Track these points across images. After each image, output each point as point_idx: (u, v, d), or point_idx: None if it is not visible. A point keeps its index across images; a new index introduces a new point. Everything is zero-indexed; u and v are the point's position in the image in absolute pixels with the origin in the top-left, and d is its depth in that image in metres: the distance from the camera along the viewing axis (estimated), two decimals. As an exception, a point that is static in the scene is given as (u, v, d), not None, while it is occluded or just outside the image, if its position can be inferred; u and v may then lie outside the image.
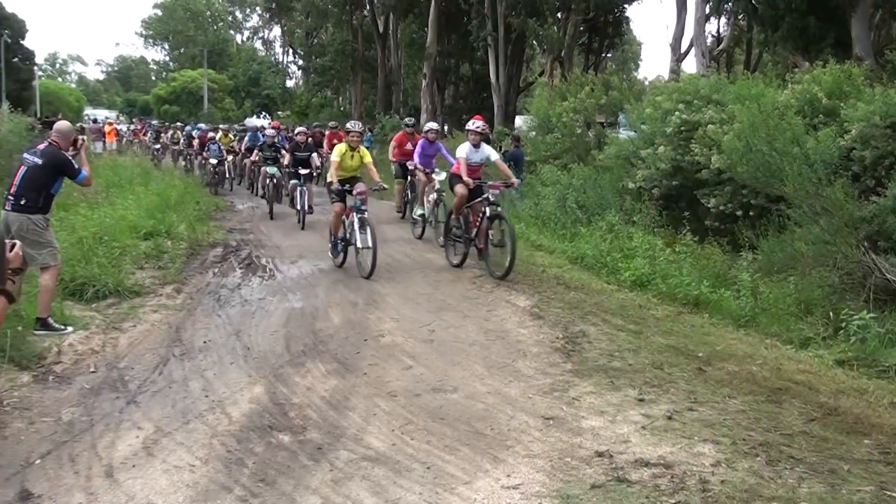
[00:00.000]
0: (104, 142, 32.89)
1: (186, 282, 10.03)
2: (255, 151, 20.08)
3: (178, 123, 37.73)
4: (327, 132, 23.04)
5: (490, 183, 10.97)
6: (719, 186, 11.39)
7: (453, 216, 11.29)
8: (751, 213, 10.81)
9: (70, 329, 7.47)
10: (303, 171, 15.91)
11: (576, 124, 18.37)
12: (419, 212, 14.28)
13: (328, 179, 11.46)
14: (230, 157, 24.17)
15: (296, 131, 19.21)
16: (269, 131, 19.91)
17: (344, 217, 11.08)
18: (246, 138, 23.38)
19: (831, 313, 7.97)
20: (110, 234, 10.91)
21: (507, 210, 15.26)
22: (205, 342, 7.47)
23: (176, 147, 31.19)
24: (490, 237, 10.59)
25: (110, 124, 37.17)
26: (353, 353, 7.20)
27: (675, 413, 5.65)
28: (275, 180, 17.38)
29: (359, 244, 10.55)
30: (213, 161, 22.26)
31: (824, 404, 5.92)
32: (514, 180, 11.82)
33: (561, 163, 17.43)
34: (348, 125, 12.16)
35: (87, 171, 7.91)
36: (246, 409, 5.78)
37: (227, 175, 23.93)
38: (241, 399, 5.98)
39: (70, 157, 7.73)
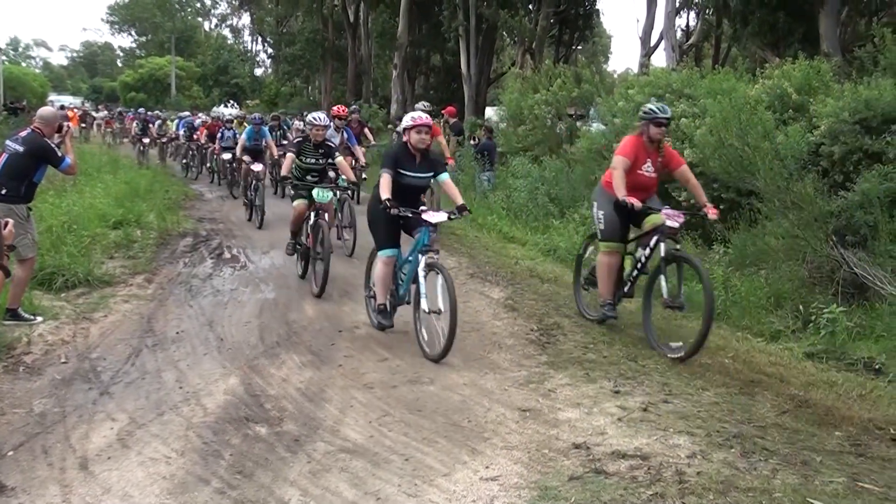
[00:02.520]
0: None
1: (157, 271, 9.93)
2: (289, 159, 10.04)
3: (158, 112, 35.46)
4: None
5: None
6: (690, 181, 11.45)
7: None
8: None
9: (40, 319, 7.37)
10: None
11: (547, 116, 18.40)
12: None
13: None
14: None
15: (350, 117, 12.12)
16: (315, 116, 10.25)
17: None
18: (243, 136, 15.98)
19: (801, 307, 8.07)
20: (79, 223, 10.77)
21: (479, 201, 15.31)
22: (177, 333, 7.41)
23: (163, 140, 27.07)
24: None
25: (72, 110, 36.55)
26: (327, 345, 7.19)
27: (650, 405, 5.71)
28: (325, 215, 9.40)
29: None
30: (226, 156, 18.51)
31: (795, 396, 6.01)
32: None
33: (532, 155, 17.47)
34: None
35: (72, 158, 7.75)
36: (221, 400, 5.75)
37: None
38: (216, 390, 5.95)
39: (53, 145, 7.55)
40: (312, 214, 9.39)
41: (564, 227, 12.68)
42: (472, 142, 18.88)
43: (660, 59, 28.83)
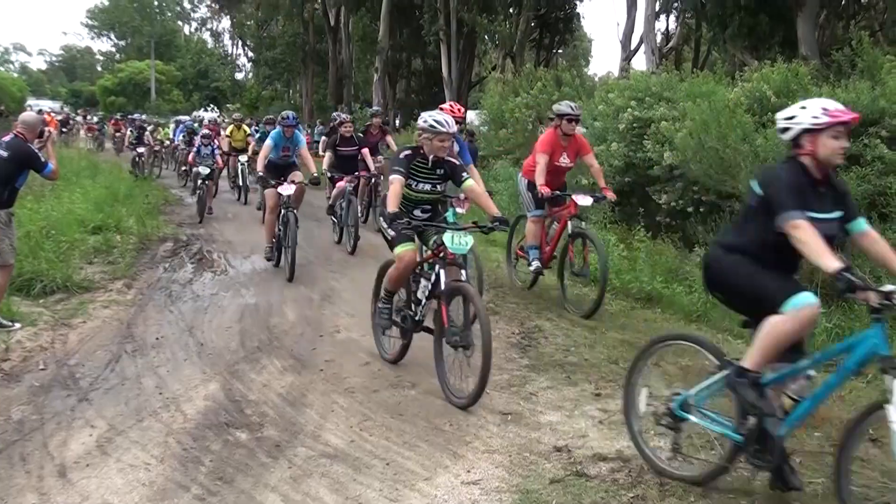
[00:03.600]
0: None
1: (137, 277, 9.88)
2: (398, 184, 6.35)
3: (144, 116, 32.58)
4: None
5: None
6: (670, 183, 11.52)
7: None
8: (701, 210, 10.95)
9: (17, 325, 7.33)
10: None
11: (528, 120, 18.44)
12: None
13: None
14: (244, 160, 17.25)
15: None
16: (440, 120, 6.44)
17: None
18: (269, 141, 11.08)
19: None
20: (57, 229, 10.70)
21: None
22: (157, 339, 7.36)
23: (156, 148, 24.63)
24: None
25: (50, 115, 36.14)
26: (308, 350, 7.16)
27: (631, 408, 5.71)
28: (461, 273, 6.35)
29: None
30: (203, 170, 15.51)
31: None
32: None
33: (513, 158, 17.50)
34: None
35: (54, 164, 7.74)
36: (201, 406, 5.72)
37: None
38: (196, 396, 5.91)
39: (36, 150, 7.54)
40: (441, 273, 6.24)
41: (546, 230, 12.70)
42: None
43: (640, 63, 28.99)
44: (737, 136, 10.00)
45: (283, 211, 10.32)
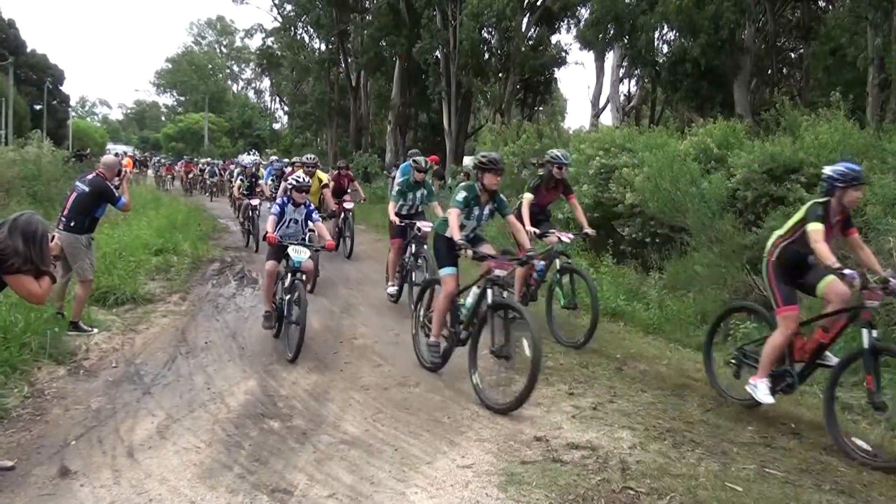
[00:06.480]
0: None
1: (190, 291, 9.85)
2: None
3: (249, 160, 18.93)
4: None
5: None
6: (631, 218, 11.49)
7: None
8: (657, 241, 10.94)
9: (96, 331, 7.33)
10: None
11: (514, 165, 18.47)
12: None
13: None
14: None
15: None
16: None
17: None
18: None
19: (722, 323, 8.07)
20: (128, 251, 10.67)
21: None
22: (206, 343, 7.34)
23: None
24: None
25: (129, 156, 36.08)
26: (331, 353, 7.13)
27: (598, 405, 5.69)
28: None
29: None
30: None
31: (717, 397, 6.01)
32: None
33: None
34: None
35: (127, 198, 7.79)
36: (242, 399, 5.70)
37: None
38: (238, 391, 5.89)
39: (113, 187, 7.57)
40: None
41: (528, 255, 12.70)
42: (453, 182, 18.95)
43: (607, 119, 29.09)
44: (686, 181, 10.01)
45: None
